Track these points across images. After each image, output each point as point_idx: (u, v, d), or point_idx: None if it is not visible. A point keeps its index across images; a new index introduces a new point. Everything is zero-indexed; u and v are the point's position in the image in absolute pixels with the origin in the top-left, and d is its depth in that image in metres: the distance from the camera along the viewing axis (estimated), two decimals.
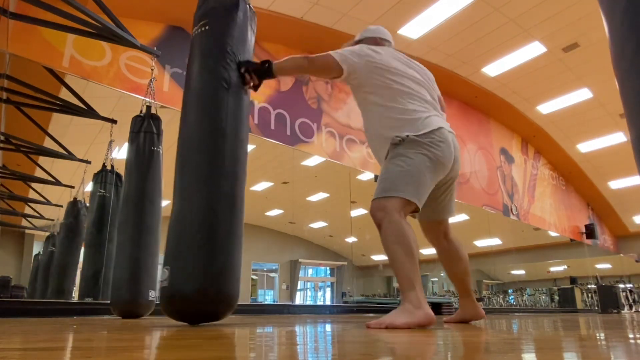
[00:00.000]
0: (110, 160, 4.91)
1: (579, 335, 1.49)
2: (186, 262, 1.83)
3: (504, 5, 6.07)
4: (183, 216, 1.92)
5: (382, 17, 6.00)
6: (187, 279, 1.81)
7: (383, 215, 1.93)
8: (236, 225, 1.97)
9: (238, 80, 2.15)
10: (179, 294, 1.81)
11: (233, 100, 2.11)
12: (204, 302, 1.82)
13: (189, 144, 2.07)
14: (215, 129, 2.04)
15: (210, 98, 2.08)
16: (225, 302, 1.88)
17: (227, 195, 1.96)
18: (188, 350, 0.92)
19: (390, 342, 1.13)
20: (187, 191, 1.96)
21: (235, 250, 1.93)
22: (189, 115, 2.13)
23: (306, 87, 6.39)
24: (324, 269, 11.79)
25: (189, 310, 1.84)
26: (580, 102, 8.58)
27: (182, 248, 1.87)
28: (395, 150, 2.02)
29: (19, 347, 0.95)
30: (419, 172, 1.97)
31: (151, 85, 3.86)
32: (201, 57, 2.17)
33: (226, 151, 2.02)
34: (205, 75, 2.12)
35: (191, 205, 1.91)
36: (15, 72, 4.29)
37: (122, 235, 3.18)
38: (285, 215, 10.00)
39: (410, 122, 2.04)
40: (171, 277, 1.84)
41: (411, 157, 1.98)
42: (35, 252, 6.50)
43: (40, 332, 1.45)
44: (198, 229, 1.86)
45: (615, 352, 0.91)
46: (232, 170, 2.02)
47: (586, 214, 12.61)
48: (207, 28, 2.20)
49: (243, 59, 2.21)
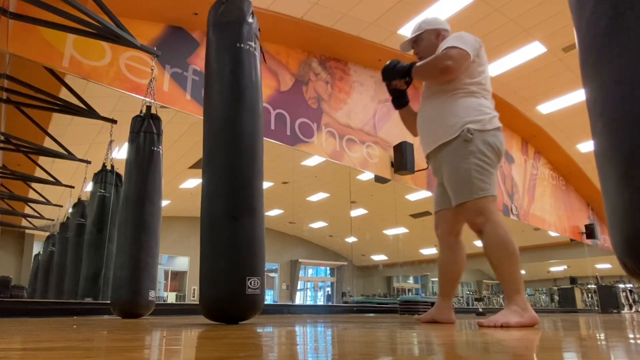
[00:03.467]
0: (110, 160, 4.91)
1: (579, 335, 1.49)
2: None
3: (504, 5, 6.06)
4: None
5: (382, 17, 5.99)
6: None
7: (484, 220, 1.99)
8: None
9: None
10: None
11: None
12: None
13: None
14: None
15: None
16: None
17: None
18: (188, 350, 0.93)
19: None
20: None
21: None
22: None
23: (306, 87, 6.39)
24: (324, 269, 11.79)
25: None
26: (580, 102, 8.57)
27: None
28: (464, 148, 2.06)
29: (19, 347, 0.95)
30: (490, 165, 2.05)
31: (151, 85, 3.87)
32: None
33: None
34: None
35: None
36: (15, 72, 4.29)
37: (122, 235, 3.18)
38: (285, 215, 10.00)
39: (479, 115, 2.11)
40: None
41: (480, 152, 2.04)
42: (35, 252, 6.50)
43: (40, 332, 1.45)
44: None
45: (615, 352, 0.91)
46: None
47: (586, 214, 12.61)
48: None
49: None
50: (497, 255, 1.94)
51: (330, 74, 6.72)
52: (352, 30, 6.27)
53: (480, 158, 2.03)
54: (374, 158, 6.94)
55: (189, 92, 5.08)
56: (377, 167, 6.98)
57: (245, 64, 2.42)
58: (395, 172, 7.05)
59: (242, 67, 2.41)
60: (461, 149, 2.06)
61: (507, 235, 1.96)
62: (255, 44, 2.52)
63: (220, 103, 2.34)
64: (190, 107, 5.05)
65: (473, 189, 2.01)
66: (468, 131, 2.05)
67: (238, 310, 2.13)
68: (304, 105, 6.28)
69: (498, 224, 1.97)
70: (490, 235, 1.96)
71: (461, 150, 2.06)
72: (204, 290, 2.13)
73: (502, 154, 2.13)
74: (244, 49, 2.44)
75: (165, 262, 8.45)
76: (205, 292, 2.13)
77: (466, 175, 2.04)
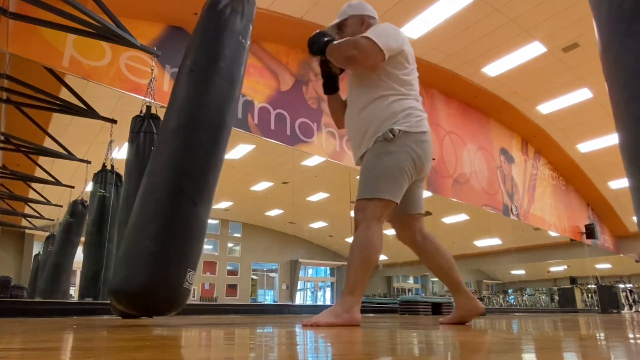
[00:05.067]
0: (110, 160, 4.91)
1: (579, 335, 1.49)
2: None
3: (504, 5, 6.07)
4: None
5: (382, 17, 5.95)
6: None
7: (362, 218, 1.95)
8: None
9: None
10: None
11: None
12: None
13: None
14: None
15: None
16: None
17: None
18: (188, 350, 0.93)
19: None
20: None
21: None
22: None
23: (306, 87, 6.39)
24: (324, 269, 11.78)
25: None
26: (580, 102, 8.58)
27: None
28: (383, 147, 1.98)
29: (19, 347, 0.95)
30: (402, 171, 1.96)
31: (151, 85, 3.86)
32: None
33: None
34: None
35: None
36: (15, 72, 4.29)
37: (122, 236, 3.17)
38: (285, 215, 10.00)
39: (406, 117, 2.01)
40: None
41: (397, 155, 1.96)
42: (35, 252, 6.50)
43: (40, 332, 1.45)
44: None
45: (615, 352, 0.91)
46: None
47: (586, 214, 12.61)
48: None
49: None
50: (353, 254, 1.92)
51: None
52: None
53: (393, 161, 1.95)
54: None
55: None
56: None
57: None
58: None
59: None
60: (380, 147, 1.98)
61: (372, 240, 1.91)
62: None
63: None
64: None
65: (369, 188, 1.95)
66: (391, 131, 1.95)
67: (167, 304, 1.89)
68: (304, 105, 6.28)
69: (371, 228, 1.91)
70: (358, 233, 1.94)
71: (380, 148, 1.98)
72: (127, 273, 1.83)
73: (424, 162, 2.01)
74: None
75: None
76: (130, 276, 1.82)
77: (371, 172, 1.98)
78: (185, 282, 1.91)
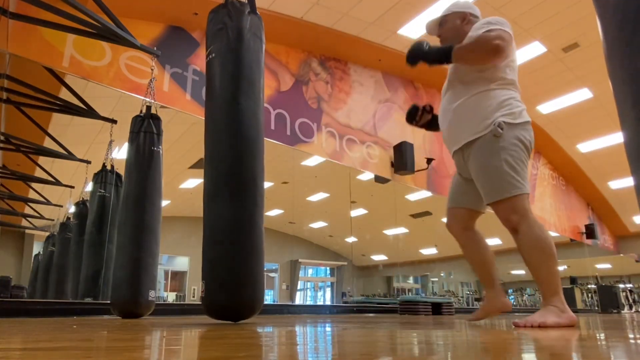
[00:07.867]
0: (110, 160, 4.91)
1: (579, 335, 1.49)
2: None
3: (504, 6, 6.06)
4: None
5: (382, 17, 5.99)
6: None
7: (519, 218, 1.92)
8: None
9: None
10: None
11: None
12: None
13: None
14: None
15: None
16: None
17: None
18: (188, 350, 0.93)
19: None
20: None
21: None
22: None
23: (306, 87, 6.39)
24: (324, 269, 11.78)
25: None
26: (580, 102, 8.57)
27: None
28: (494, 143, 1.96)
29: (19, 347, 0.95)
30: (522, 162, 1.98)
31: (151, 85, 3.87)
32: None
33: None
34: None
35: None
36: (15, 72, 4.29)
37: (122, 235, 3.18)
38: (285, 215, 9.99)
39: (514, 109, 2.04)
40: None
41: (511, 148, 1.96)
42: (35, 252, 6.50)
43: (40, 332, 1.45)
44: None
45: (615, 352, 0.91)
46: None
47: (586, 214, 12.60)
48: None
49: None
50: (534, 256, 1.89)
51: (330, 74, 6.72)
52: (352, 30, 6.26)
53: (511, 154, 1.94)
54: (374, 158, 6.94)
55: (189, 92, 5.08)
56: (377, 167, 6.98)
57: (247, 64, 2.44)
58: (395, 172, 7.06)
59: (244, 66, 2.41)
60: (491, 144, 1.96)
61: (543, 234, 1.90)
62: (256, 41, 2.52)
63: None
64: (190, 107, 5.05)
65: (505, 187, 1.92)
66: (498, 126, 1.95)
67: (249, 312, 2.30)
68: (304, 105, 6.28)
69: (534, 222, 1.91)
70: (526, 235, 1.90)
71: (491, 146, 1.95)
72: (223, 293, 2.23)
73: (531, 148, 2.04)
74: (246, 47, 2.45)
75: (165, 262, 8.46)
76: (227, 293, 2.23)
77: (497, 172, 1.94)
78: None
